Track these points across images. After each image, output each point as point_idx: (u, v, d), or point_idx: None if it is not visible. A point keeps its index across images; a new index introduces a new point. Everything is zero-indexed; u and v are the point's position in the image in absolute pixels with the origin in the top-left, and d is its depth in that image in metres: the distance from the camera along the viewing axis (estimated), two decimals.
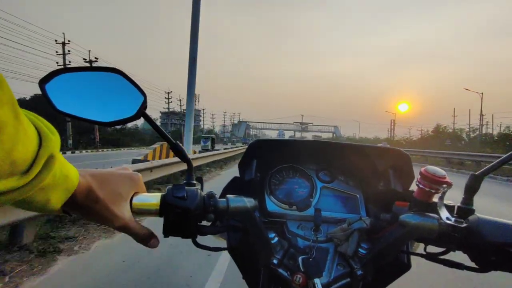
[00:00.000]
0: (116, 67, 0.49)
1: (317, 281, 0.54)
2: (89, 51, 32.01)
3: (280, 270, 0.58)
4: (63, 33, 29.79)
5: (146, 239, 0.48)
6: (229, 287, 2.51)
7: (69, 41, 31.05)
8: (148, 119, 0.51)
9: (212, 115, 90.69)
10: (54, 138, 0.32)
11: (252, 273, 0.69)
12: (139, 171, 4.46)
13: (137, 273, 2.66)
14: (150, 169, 5.67)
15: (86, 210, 0.41)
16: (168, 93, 58.29)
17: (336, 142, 0.75)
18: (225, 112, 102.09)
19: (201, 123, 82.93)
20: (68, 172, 0.36)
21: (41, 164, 0.30)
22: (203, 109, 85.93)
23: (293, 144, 0.75)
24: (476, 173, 0.53)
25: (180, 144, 0.55)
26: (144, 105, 0.49)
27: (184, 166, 0.56)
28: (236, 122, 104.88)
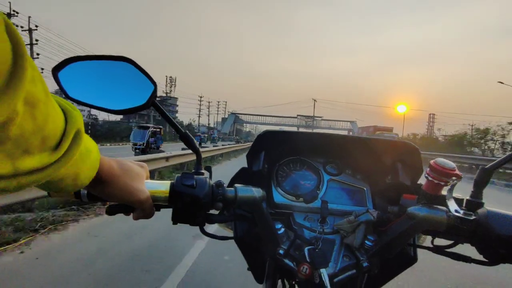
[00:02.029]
0: (128, 57, 0.50)
1: (323, 271, 0.54)
2: (29, 17, 27.14)
3: (286, 261, 0.59)
4: (9, 2, 24.06)
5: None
6: None
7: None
8: (158, 108, 0.51)
9: (166, 92, 56.99)
10: (77, 114, 0.33)
11: (257, 264, 0.69)
12: None
13: None
14: None
15: (108, 187, 0.42)
16: None
17: (344, 135, 0.75)
18: (201, 97, 64.97)
19: (177, 114, 62.80)
20: (91, 147, 0.36)
21: (70, 139, 0.30)
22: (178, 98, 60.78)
23: (301, 136, 0.76)
24: (486, 167, 0.53)
25: (190, 134, 0.56)
26: (154, 94, 0.50)
27: None
28: (224, 114, 77.06)
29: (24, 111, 0.24)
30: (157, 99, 0.51)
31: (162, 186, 0.50)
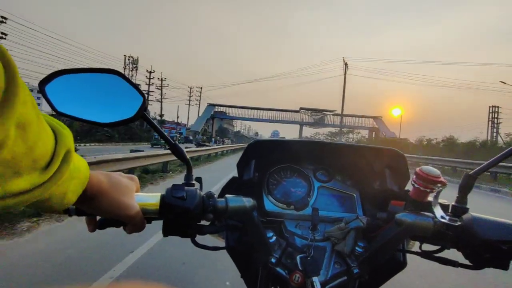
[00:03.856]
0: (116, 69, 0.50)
1: (315, 279, 0.55)
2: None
3: (278, 269, 0.59)
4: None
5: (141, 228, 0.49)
6: None
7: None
8: (148, 120, 0.52)
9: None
10: (67, 133, 0.33)
11: (250, 273, 0.69)
12: None
13: None
14: None
15: (97, 203, 0.42)
16: None
17: (334, 143, 0.77)
18: (151, 72, 44.01)
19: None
20: (80, 164, 0.36)
21: (60, 160, 0.30)
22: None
23: (291, 144, 0.76)
24: (470, 173, 0.54)
25: (179, 145, 0.56)
26: (143, 106, 0.50)
27: None
28: (199, 107, 55.25)
29: (16, 134, 0.24)
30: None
31: (152, 199, 0.50)
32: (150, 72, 45.40)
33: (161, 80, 47.41)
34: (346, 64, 38.23)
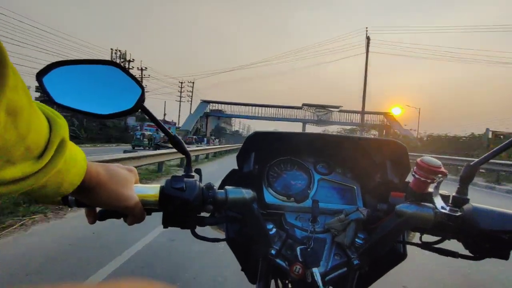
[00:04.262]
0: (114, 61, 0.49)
1: (315, 270, 0.55)
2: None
3: (278, 261, 0.59)
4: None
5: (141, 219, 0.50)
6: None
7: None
8: (146, 112, 0.51)
9: None
10: (62, 122, 0.32)
11: (250, 264, 0.70)
12: None
13: None
14: None
15: (95, 194, 0.42)
16: None
17: (334, 135, 0.76)
18: (130, 61, 37.56)
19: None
20: (77, 155, 0.36)
21: (54, 149, 0.30)
22: None
23: (292, 136, 0.76)
24: (471, 164, 0.54)
25: (179, 137, 0.56)
26: (142, 98, 0.49)
27: None
28: (191, 103, 47.51)
29: (6, 121, 0.24)
30: None
31: (152, 190, 0.50)
32: (129, 61, 38.22)
33: (141, 69, 39.98)
34: (368, 38, 26.77)
